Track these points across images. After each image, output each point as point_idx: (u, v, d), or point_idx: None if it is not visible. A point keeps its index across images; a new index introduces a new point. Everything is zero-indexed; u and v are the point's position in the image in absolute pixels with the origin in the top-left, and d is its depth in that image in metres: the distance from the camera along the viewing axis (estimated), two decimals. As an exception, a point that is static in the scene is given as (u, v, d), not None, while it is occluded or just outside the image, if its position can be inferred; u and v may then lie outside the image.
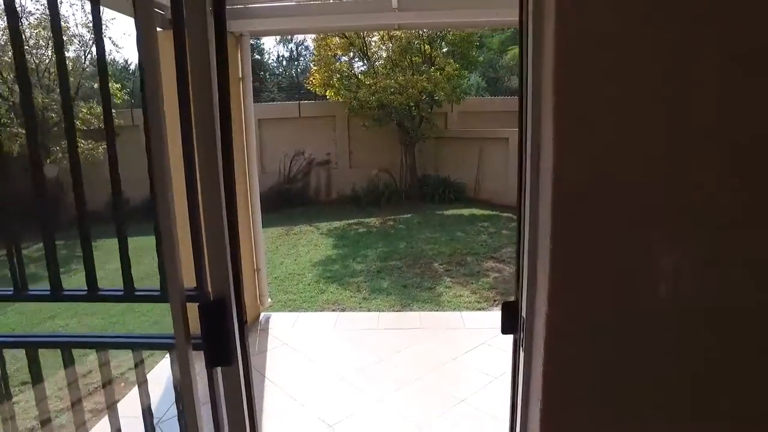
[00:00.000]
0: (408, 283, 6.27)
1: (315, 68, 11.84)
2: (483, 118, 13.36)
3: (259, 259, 4.61)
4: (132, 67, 22.20)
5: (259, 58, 24.68)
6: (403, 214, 10.97)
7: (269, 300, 4.89)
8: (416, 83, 10.12)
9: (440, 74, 10.45)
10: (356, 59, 12.12)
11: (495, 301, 5.53)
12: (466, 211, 10.91)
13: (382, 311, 5.34)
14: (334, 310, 5.47)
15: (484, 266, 6.90)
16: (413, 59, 11.11)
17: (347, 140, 13.21)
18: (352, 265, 7.27)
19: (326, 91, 11.95)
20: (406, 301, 5.66)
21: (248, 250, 4.47)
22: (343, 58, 12.05)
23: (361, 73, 11.90)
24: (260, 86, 24.50)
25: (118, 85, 11.38)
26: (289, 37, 25.16)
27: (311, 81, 11.97)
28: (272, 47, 37.55)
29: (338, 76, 11.11)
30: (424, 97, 11.30)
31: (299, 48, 25.53)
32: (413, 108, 11.72)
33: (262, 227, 9.74)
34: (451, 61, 10.85)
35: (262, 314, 4.82)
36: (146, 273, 5.88)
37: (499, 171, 11.48)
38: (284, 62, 25.94)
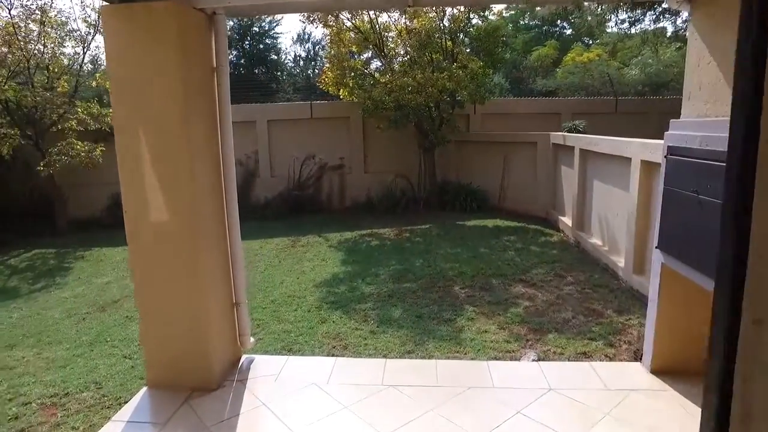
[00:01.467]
0: (423, 313, 5.35)
1: (327, 66, 11.01)
2: (508, 121, 12.38)
3: (238, 290, 3.75)
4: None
5: (276, 57, 24.03)
6: (421, 224, 10.05)
7: (252, 339, 4.03)
8: (436, 81, 9.19)
9: (463, 72, 9.50)
10: (372, 57, 11.25)
11: (528, 341, 4.57)
12: (489, 222, 9.94)
13: (391, 352, 4.44)
14: (333, 348, 4.59)
15: (513, 291, 5.95)
16: (433, 56, 10.19)
17: (362, 143, 12.37)
18: (361, 286, 6.38)
19: (339, 90, 11.13)
20: (421, 337, 4.74)
21: (224, 279, 3.62)
22: (363, 55, 11.21)
23: (377, 70, 11.02)
24: (276, 87, 23.86)
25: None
26: (306, 36, 24.47)
27: (323, 80, 11.15)
28: (289, 46, 36.98)
29: (352, 74, 10.23)
30: (445, 97, 10.38)
31: (316, 48, 24.82)
32: (433, 109, 10.81)
33: (269, 237, 8.89)
34: (475, 58, 9.88)
35: (244, 357, 3.96)
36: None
37: (527, 178, 10.49)
38: (301, 62, 25.28)
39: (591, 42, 24.21)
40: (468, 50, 10.52)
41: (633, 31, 12.84)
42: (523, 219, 10.05)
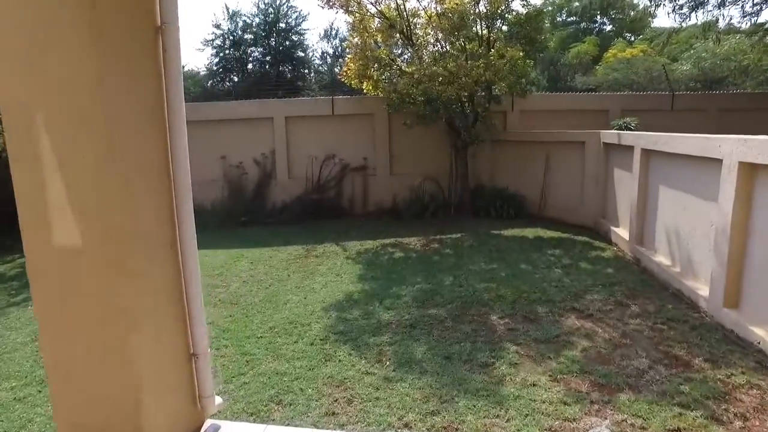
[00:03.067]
0: (453, 353, 4.25)
1: (350, 57, 10.01)
2: (550, 118, 11.13)
3: (196, 337, 2.73)
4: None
5: (302, 55, 23.24)
6: (452, 233, 8.93)
7: (219, 400, 3.00)
8: (471, 71, 8.03)
9: (501, 60, 8.29)
10: (399, 46, 10.18)
11: (593, 402, 3.42)
12: (529, 232, 8.73)
13: (409, 412, 3.36)
14: (334, 401, 3.54)
15: (565, 325, 4.78)
16: (466, 45, 9.01)
17: (388, 142, 11.33)
18: (378, 311, 5.32)
19: (363, 84, 10.12)
20: (449, 390, 3.65)
21: (174, 323, 2.59)
22: (388, 45, 10.15)
23: (404, 61, 9.96)
24: (302, 85, 23.09)
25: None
26: (334, 32, 23.63)
27: (345, 72, 10.15)
28: (315, 43, 36.27)
29: (375, 65, 9.19)
30: (480, 91, 9.23)
31: (343, 44, 23.91)
32: (466, 104, 9.67)
33: (282, 245, 7.89)
34: (515, 46, 8.64)
35: (207, 424, 2.95)
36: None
37: (572, 182, 9.23)
38: (328, 59, 24.42)
39: (633, 38, 22.65)
40: (507, 38, 9.31)
41: (692, 19, 11.40)
42: (568, 229, 8.80)
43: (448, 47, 8.95)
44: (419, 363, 4.09)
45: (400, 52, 10.33)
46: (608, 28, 25.18)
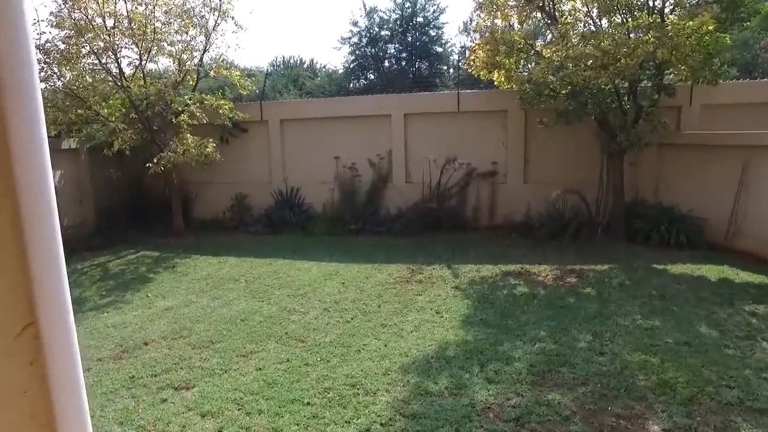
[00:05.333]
0: (578, 497, 2.58)
1: (478, 43, 8.42)
2: (746, 116, 8.31)
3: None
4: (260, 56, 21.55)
5: (440, 50, 21.97)
6: (596, 263, 6.92)
7: None
8: (634, 49, 5.90)
9: (681, 33, 5.95)
10: (538, 27, 8.32)
11: None
12: (711, 271, 6.36)
13: None
14: None
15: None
16: (628, 19, 6.81)
17: (522, 145, 9.55)
18: (475, 383, 3.78)
19: (493, 74, 8.49)
20: None
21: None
22: (525, 25, 8.37)
23: (543, 44, 8.08)
24: (439, 82, 21.83)
25: (238, 73, 9.55)
26: (472, 25, 21.91)
27: (473, 61, 8.60)
28: (454, 36, 34.62)
29: (507, 49, 7.46)
30: (644, 80, 7.02)
31: (470, 26, 22.11)
32: (624, 97, 7.50)
33: (386, 262, 7.03)
34: (704, 12, 6.16)
35: None
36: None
37: (783, 204, 6.59)
38: (467, 53, 22.83)
39: None
40: (691, 4, 6.85)
41: None
42: (773, 269, 6.25)
43: (604, 23, 6.91)
44: (519, 508, 2.51)
45: (538, 33, 8.45)
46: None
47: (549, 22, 7.67)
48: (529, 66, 7.73)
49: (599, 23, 7.12)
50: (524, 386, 3.72)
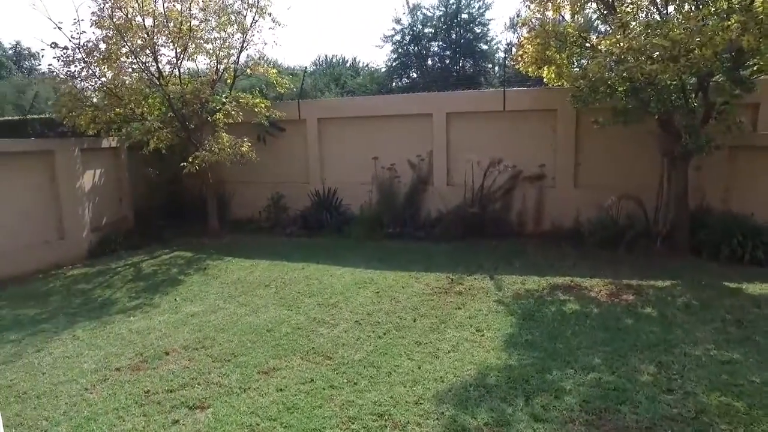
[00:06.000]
0: None
1: (526, 37, 7.84)
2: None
3: None
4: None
5: (485, 47, 21.24)
6: (656, 278, 6.24)
7: None
8: (711, 36, 5.14)
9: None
10: (595, 19, 7.66)
11: None
12: (795, 293, 5.59)
13: None
14: None
15: None
16: (699, 3, 6.04)
17: (573, 146, 8.87)
18: (518, 420, 3.30)
19: (543, 71, 7.89)
20: None
21: None
22: (580, 17, 7.72)
23: (599, 36, 7.41)
24: (484, 80, 21.13)
25: (275, 71, 9.31)
26: (519, 18, 21.08)
27: (520, 57, 8.03)
28: (500, 33, 33.58)
29: (557, 42, 6.84)
30: (718, 75, 6.26)
31: (517, 18, 21.23)
32: (693, 94, 6.75)
33: (424, 270, 7.60)
34: None
35: None
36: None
37: None
38: (513, 51, 22.01)
39: None
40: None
41: None
42: None
43: (672, 10, 6.20)
44: None
45: (590, 27, 7.78)
46: None
47: (606, 12, 7.00)
48: (583, 61, 7.08)
49: (665, 11, 6.40)
50: (578, 427, 3.20)
